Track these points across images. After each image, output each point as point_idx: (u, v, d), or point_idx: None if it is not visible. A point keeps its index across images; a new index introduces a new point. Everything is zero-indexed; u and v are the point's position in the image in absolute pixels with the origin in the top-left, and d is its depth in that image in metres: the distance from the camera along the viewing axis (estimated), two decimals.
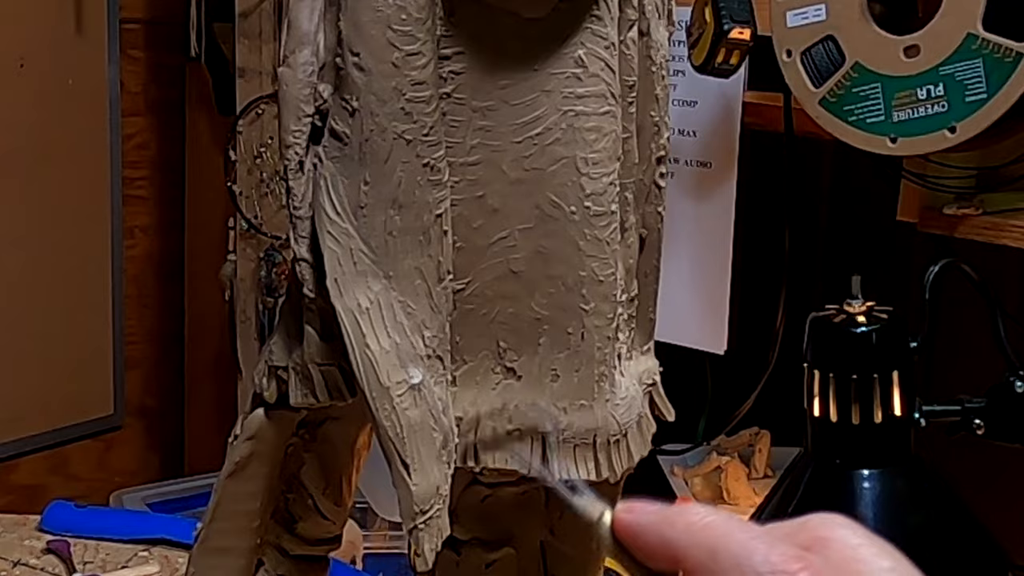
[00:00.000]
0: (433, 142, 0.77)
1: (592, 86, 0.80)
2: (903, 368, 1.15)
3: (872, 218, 1.57)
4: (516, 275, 0.81)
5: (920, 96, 1.19)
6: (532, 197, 0.80)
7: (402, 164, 0.77)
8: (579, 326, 0.81)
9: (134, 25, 2.02)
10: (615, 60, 0.81)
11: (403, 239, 0.78)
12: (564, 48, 0.79)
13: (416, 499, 0.78)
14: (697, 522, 0.44)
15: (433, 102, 0.77)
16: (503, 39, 0.79)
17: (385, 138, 0.77)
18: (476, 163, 0.79)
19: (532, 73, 0.79)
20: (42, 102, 1.87)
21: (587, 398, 0.82)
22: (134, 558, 1.41)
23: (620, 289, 0.83)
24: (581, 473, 0.82)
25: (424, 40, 0.76)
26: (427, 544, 0.78)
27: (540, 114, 0.79)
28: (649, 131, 0.86)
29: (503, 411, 0.82)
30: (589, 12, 0.80)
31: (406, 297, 0.78)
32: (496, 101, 0.79)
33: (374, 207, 0.78)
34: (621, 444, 0.83)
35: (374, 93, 0.77)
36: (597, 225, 0.80)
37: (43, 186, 1.88)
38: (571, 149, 0.79)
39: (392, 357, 0.78)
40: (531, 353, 0.82)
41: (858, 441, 1.15)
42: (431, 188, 0.78)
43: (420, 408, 0.78)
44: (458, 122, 0.79)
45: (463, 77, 0.79)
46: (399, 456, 0.78)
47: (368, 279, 0.78)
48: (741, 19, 1.29)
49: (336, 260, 0.79)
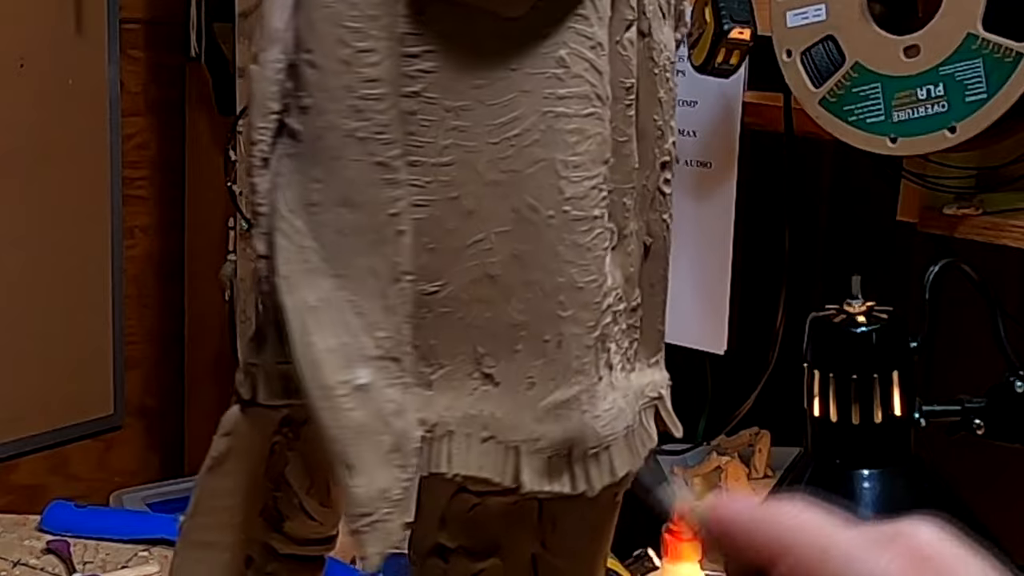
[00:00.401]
0: (387, 140, 0.76)
1: (575, 87, 0.78)
2: (903, 368, 1.15)
3: (872, 218, 1.57)
4: (492, 279, 0.79)
5: (920, 96, 1.18)
6: (509, 199, 0.78)
7: (353, 162, 0.76)
8: (556, 333, 0.79)
9: (134, 25, 2.02)
10: (603, 61, 0.79)
11: (355, 238, 0.77)
12: (544, 48, 0.78)
13: (358, 501, 0.76)
14: (806, 520, 0.44)
15: (387, 100, 0.76)
16: (478, 38, 0.78)
17: (336, 135, 0.76)
18: (449, 163, 0.78)
19: (510, 73, 0.78)
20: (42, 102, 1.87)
21: (563, 408, 0.79)
22: (134, 558, 1.41)
23: (608, 297, 0.81)
24: (555, 486, 0.79)
25: (378, 37, 0.75)
26: (372, 547, 0.77)
27: (518, 115, 0.78)
28: (652, 135, 0.84)
29: (478, 418, 0.80)
30: (572, 11, 0.78)
31: (357, 296, 0.77)
32: (471, 101, 0.78)
33: (325, 205, 0.77)
34: (601, 457, 0.80)
35: (325, 90, 0.76)
36: (577, 230, 0.78)
37: (43, 186, 1.88)
38: (550, 151, 0.78)
39: (338, 356, 0.76)
40: (509, 359, 0.80)
41: (858, 441, 1.15)
42: (385, 187, 0.76)
43: (366, 409, 0.76)
44: (429, 121, 0.78)
45: (434, 76, 0.77)
46: (340, 457, 0.76)
47: (318, 277, 0.77)
48: (741, 19, 1.29)
49: (286, 257, 0.77)
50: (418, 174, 0.78)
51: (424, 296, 0.80)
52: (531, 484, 0.79)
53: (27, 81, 1.85)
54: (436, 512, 0.92)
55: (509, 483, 0.80)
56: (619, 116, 0.82)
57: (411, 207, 0.79)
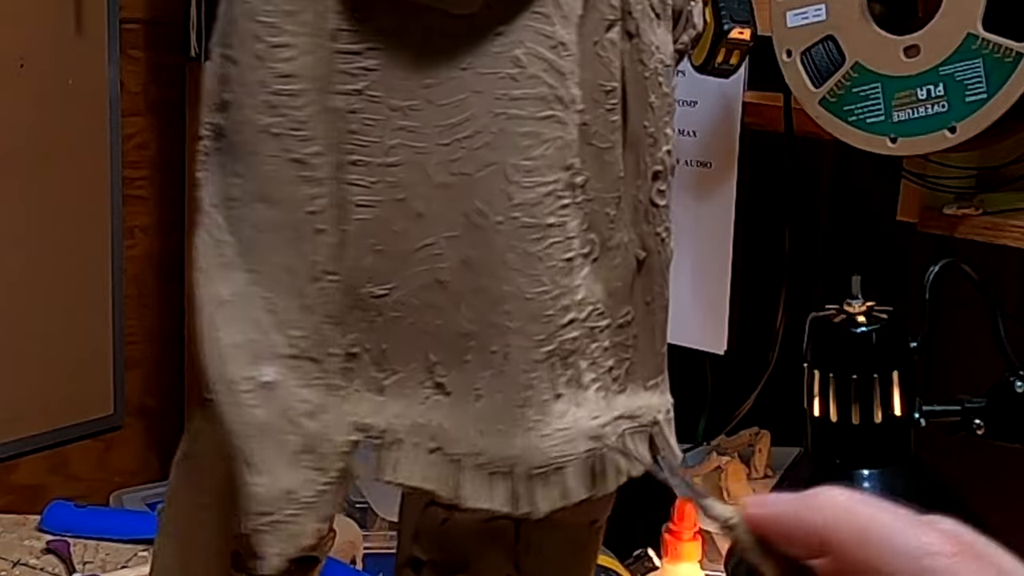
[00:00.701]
0: (304, 137, 0.74)
1: (530, 88, 0.75)
2: (903, 368, 1.15)
3: (872, 218, 1.57)
4: (443, 285, 0.77)
5: (920, 96, 1.18)
6: (459, 203, 0.76)
7: (269, 158, 0.74)
8: (503, 345, 0.76)
9: (134, 25, 2.02)
10: (567, 62, 0.75)
11: (271, 234, 0.75)
12: (498, 47, 0.75)
13: (256, 500, 0.75)
14: (841, 504, 0.43)
15: (304, 96, 0.74)
16: (425, 36, 0.76)
17: (251, 131, 0.75)
18: (396, 164, 0.76)
19: (460, 72, 0.75)
20: (42, 102, 1.87)
21: (505, 423, 0.76)
22: (134, 558, 1.41)
23: (572, 311, 0.76)
24: (495, 503, 0.76)
25: (295, 32, 0.74)
26: (270, 548, 0.75)
27: (469, 116, 0.75)
28: (643, 143, 0.80)
29: (427, 428, 0.78)
30: (528, 9, 0.75)
31: (271, 293, 0.75)
32: (420, 101, 0.75)
33: (243, 200, 0.75)
34: (551, 479, 0.76)
35: (241, 85, 0.75)
36: (526, 238, 0.75)
37: (43, 186, 1.88)
38: (501, 154, 0.75)
39: (244, 352, 0.75)
40: (459, 369, 0.77)
41: (858, 441, 1.14)
42: (302, 184, 0.74)
43: (270, 408, 0.75)
44: (374, 120, 0.76)
45: (377, 74, 0.76)
46: (242, 454, 0.75)
47: (233, 272, 0.76)
48: (741, 19, 1.29)
49: (204, 251, 0.77)
50: (362, 174, 0.76)
51: (373, 299, 0.78)
52: (470, 500, 0.76)
53: (27, 81, 1.84)
54: (412, 524, 0.92)
55: (451, 497, 0.77)
56: (600, 121, 0.78)
57: (354, 207, 0.78)
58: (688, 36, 0.83)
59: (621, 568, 1.37)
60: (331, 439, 0.77)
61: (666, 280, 0.82)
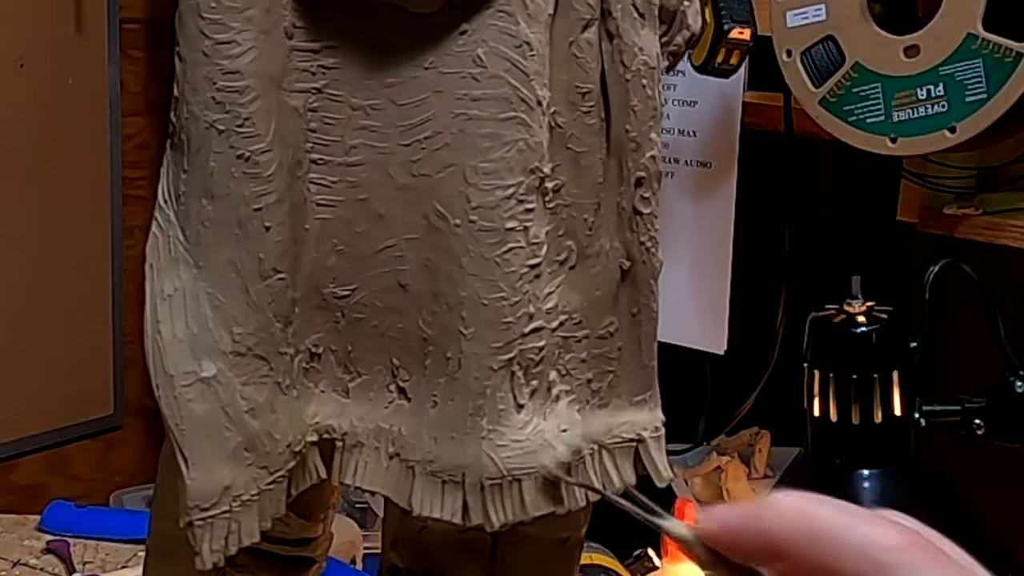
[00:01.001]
0: (250, 134, 0.74)
1: (491, 88, 0.73)
2: (903, 368, 1.15)
3: (872, 218, 1.57)
4: (404, 288, 0.76)
5: (920, 96, 1.18)
6: (420, 205, 0.74)
7: (214, 154, 0.74)
8: (457, 351, 0.74)
9: (134, 25, 2.02)
10: (533, 62, 0.73)
11: (216, 230, 0.75)
12: (460, 46, 0.73)
13: (191, 494, 0.74)
14: (787, 508, 0.43)
15: (250, 93, 0.73)
16: (387, 34, 0.75)
17: (198, 127, 0.74)
18: (358, 164, 0.75)
19: (423, 72, 0.74)
20: (42, 102, 1.87)
21: (458, 431, 0.74)
22: (134, 558, 1.41)
23: (537, 319, 0.74)
24: (444, 513, 0.75)
25: (241, 29, 0.73)
26: (206, 543, 0.74)
27: (430, 116, 0.74)
28: (624, 148, 0.77)
29: (388, 433, 0.77)
30: (491, 6, 0.73)
31: (215, 290, 0.75)
32: (382, 100, 0.75)
33: (190, 196, 0.75)
34: (506, 491, 0.74)
35: (188, 81, 0.75)
36: (484, 242, 0.73)
37: (43, 186, 1.88)
38: (460, 156, 0.73)
39: (184, 347, 0.75)
40: (420, 374, 0.76)
41: (858, 441, 1.14)
42: (248, 181, 0.74)
43: (208, 403, 0.74)
44: (334, 119, 0.75)
45: (338, 72, 0.75)
46: (178, 447, 0.75)
47: (180, 267, 0.76)
48: (741, 19, 1.29)
49: (154, 245, 0.77)
50: (323, 173, 0.76)
51: (336, 299, 0.77)
52: (419, 507, 0.76)
53: (27, 81, 1.84)
54: (391, 531, 0.91)
55: (404, 504, 0.76)
56: (577, 125, 0.76)
57: (315, 206, 0.77)
58: (682, 37, 0.81)
59: (621, 568, 1.37)
60: (277, 438, 0.76)
61: (654, 292, 0.79)
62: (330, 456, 0.81)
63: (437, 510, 0.75)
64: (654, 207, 0.78)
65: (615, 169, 0.77)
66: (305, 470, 0.80)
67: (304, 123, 0.76)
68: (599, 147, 0.77)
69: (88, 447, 2.06)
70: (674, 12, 0.80)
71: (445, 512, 0.75)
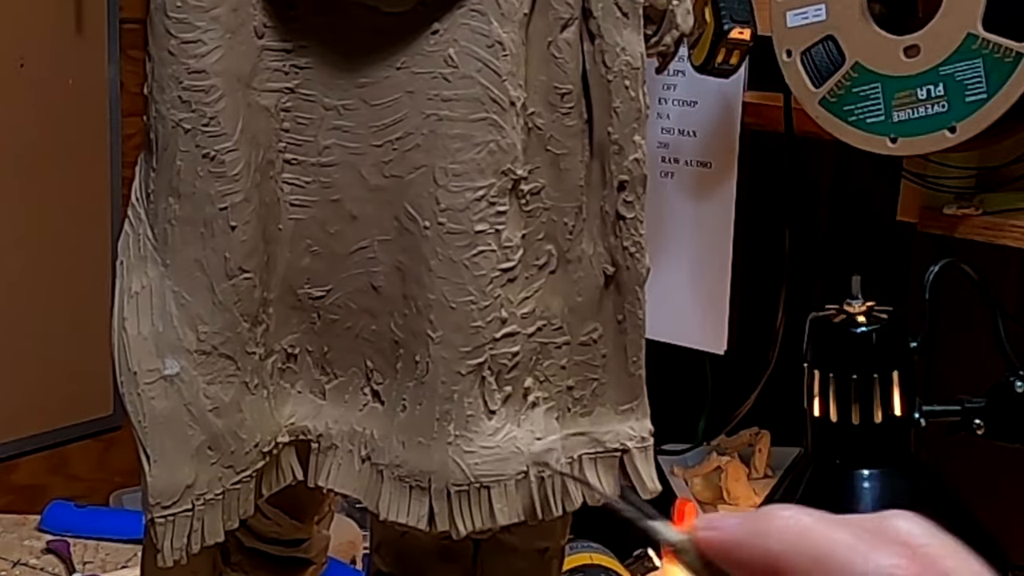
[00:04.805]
0: (215, 133, 0.73)
1: (462, 89, 0.72)
2: (903, 368, 1.15)
3: (872, 218, 1.57)
4: (376, 290, 0.75)
5: (920, 96, 1.18)
6: (392, 207, 0.74)
7: (181, 153, 0.74)
8: (425, 355, 0.73)
9: (134, 25, 2.02)
10: (506, 62, 0.72)
11: (183, 229, 0.75)
12: (432, 45, 0.72)
13: (153, 492, 0.74)
14: (792, 527, 0.42)
15: (216, 92, 0.73)
16: (359, 34, 0.74)
17: (165, 126, 0.74)
18: (331, 164, 0.75)
19: (394, 72, 0.73)
20: (42, 102, 1.87)
21: (425, 436, 0.73)
22: (134, 558, 1.41)
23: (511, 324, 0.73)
24: (410, 518, 0.74)
25: (207, 28, 0.73)
26: (167, 541, 0.74)
27: (401, 116, 0.73)
28: (607, 150, 0.75)
29: (361, 436, 0.77)
30: (463, 6, 0.72)
31: (182, 288, 0.75)
32: (355, 100, 0.74)
33: (158, 194, 0.75)
34: (473, 498, 0.73)
35: (156, 80, 0.74)
36: (452, 245, 0.72)
37: (43, 186, 1.88)
38: (430, 157, 0.72)
39: (148, 344, 0.74)
40: (392, 377, 0.76)
41: (858, 441, 1.14)
42: (213, 180, 0.74)
43: (171, 400, 0.74)
44: (307, 119, 0.75)
45: (311, 72, 0.75)
46: (141, 444, 0.75)
47: (148, 264, 0.76)
48: (741, 19, 1.29)
49: (125, 243, 0.77)
50: (297, 173, 0.76)
51: (311, 300, 0.77)
52: (386, 512, 0.75)
53: (27, 81, 1.84)
54: (376, 536, 0.91)
55: (373, 508, 0.76)
56: (556, 126, 0.75)
57: (289, 206, 0.77)
58: (671, 37, 0.78)
59: (621, 568, 1.37)
60: (244, 437, 0.75)
61: (640, 299, 0.76)
62: (307, 457, 0.81)
63: (404, 515, 0.74)
64: (638, 211, 0.75)
65: (598, 172, 0.76)
66: (278, 470, 0.80)
67: (277, 123, 0.75)
68: (580, 149, 0.75)
69: (88, 447, 2.06)
70: (663, 11, 0.78)
71: (411, 518, 0.74)
